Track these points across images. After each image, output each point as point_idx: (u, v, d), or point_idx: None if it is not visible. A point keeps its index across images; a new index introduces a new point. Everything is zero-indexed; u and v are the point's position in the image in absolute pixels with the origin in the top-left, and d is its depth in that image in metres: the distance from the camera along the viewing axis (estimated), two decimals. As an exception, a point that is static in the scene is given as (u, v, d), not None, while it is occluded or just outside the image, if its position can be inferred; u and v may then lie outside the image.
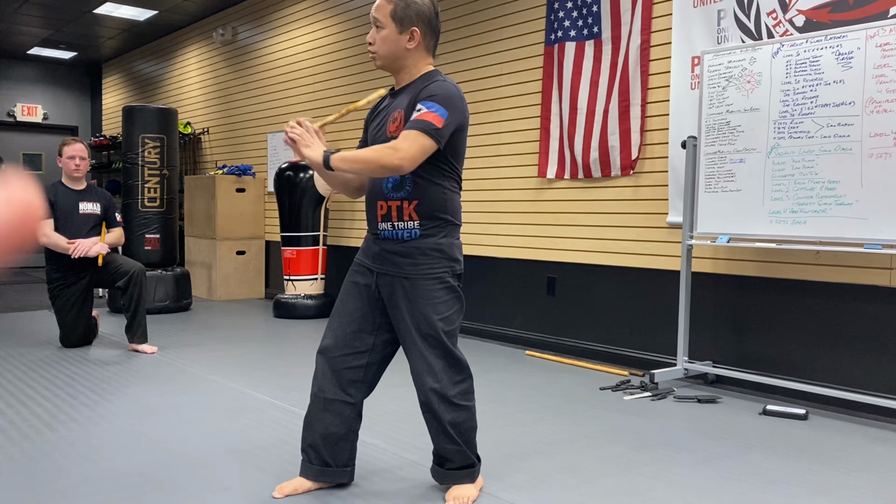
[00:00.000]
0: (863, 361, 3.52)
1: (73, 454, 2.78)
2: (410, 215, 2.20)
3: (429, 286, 2.21)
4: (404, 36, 2.19)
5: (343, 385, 2.29)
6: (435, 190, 2.20)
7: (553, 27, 4.84)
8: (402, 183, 2.20)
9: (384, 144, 2.09)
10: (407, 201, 2.19)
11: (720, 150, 3.77)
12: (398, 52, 2.21)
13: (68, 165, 4.79)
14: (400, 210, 2.20)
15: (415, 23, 2.19)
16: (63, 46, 10.35)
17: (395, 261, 2.22)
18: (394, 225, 2.22)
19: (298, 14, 7.28)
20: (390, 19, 2.18)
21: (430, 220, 2.20)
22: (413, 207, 2.19)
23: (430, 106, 2.10)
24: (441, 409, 2.25)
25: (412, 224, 2.20)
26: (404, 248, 2.21)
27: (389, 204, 2.22)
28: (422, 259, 2.20)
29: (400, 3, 2.18)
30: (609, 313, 4.62)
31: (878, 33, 3.21)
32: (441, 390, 2.23)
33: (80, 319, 4.85)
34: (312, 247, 6.32)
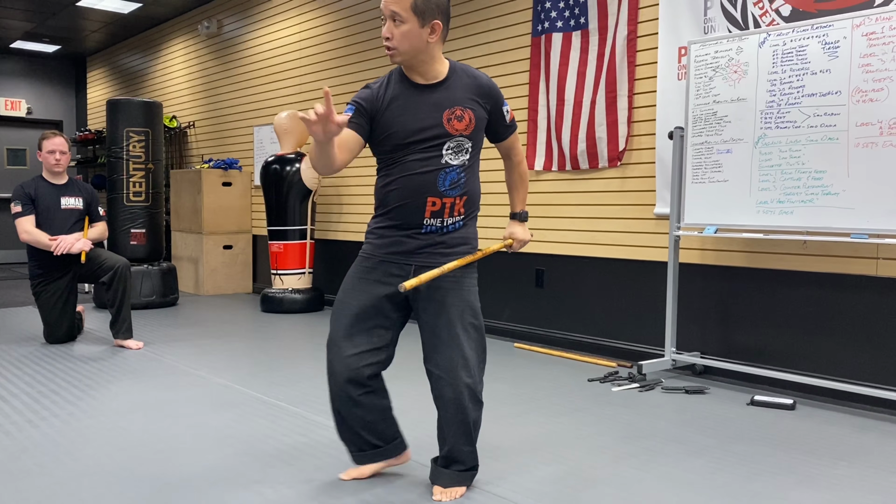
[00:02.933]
0: (850, 351, 3.53)
1: (57, 451, 2.75)
2: (460, 210, 2.24)
3: (471, 275, 2.28)
4: (426, 30, 2.10)
5: (363, 381, 2.26)
6: (476, 183, 2.29)
7: (540, 18, 4.81)
8: (458, 181, 2.20)
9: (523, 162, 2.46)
10: (459, 197, 2.22)
11: (707, 141, 3.76)
12: (420, 46, 2.11)
13: (48, 160, 4.73)
14: (453, 206, 2.22)
15: (436, 15, 2.10)
16: (46, 40, 10.23)
17: (438, 251, 2.22)
18: (443, 221, 2.21)
19: (284, 6, 7.22)
20: (412, 13, 2.07)
21: (471, 210, 2.28)
22: (463, 203, 2.24)
23: (506, 104, 2.31)
24: (470, 406, 2.23)
25: (458, 217, 2.25)
26: (447, 239, 2.23)
27: (444, 201, 2.19)
28: (463, 249, 2.26)
29: None
30: (597, 305, 4.61)
31: (864, 22, 3.20)
32: (474, 386, 2.23)
33: (64, 315, 4.79)
34: (300, 241, 6.28)
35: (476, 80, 2.23)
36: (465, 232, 2.28)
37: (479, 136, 2.25)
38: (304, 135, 6.41)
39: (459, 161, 2.20)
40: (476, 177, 2.28)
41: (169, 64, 9.32)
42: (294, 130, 6.32)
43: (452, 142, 2.18)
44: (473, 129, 2.21)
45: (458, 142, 2.19)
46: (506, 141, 2.37)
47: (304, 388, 3.69)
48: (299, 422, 3.14)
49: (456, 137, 2.18)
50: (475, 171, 2.27)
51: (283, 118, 6.32)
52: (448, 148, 2.18)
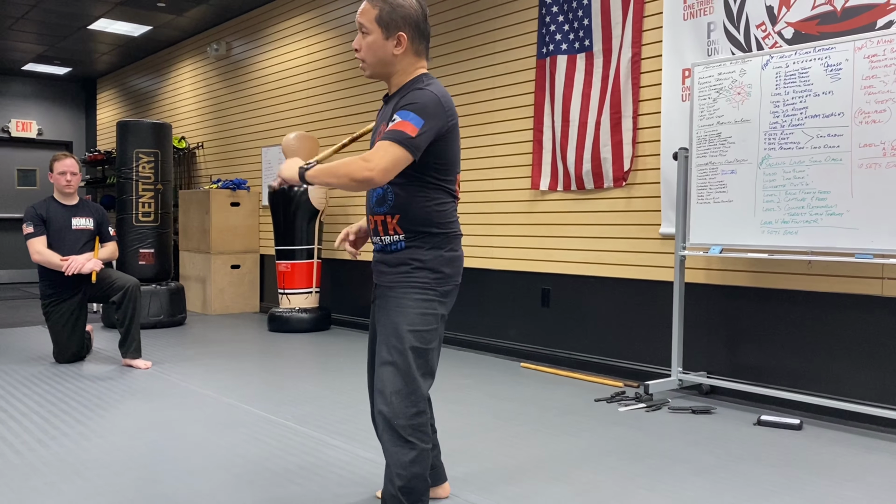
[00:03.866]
0: (856, 371, 3.53)
1: (67, 470, 2.77)
2: (395, 229, 2.14)
3: (405, 293, 2.10)
4: (391, 41, 2.10)
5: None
6: (418, 203, 2.11)
7: (545, 41, 4.87)
8: (384, 197, 2.14)
9: (357, 157, 1.99)
10: (390, 216, 2.13)
11: (711, 162, 3.79)
12: (386, 58, 2.12)
13: (59, 181, 4.79)
14: (385, 224, 2.15)
15: (401, 27, 2.09)
16: (58, 62, 10.37)
17: (382, 270, 2.19)
18: (381, 238, 2.18)
19: (292, 29, 7.32)
20: (376, 24, 2.09)
21: (415, 233, 2.12)
22: (396, 221, 2.13)
23: (405, 115, 2.00)
24: (385, 437, 2.07)
25: (398, 237, 2.14)
26: (390, 259, 2.16)
27: (375, 219, 2.18)
28: (403, 268, 2.13)
29: (385, 6, 2.09)
30: (603, 324, 4.62)
31: (866, 45, 3.23)
32: (392, 419, 2.04)
33: (74, 335, 4.83)
34: (307, 260, 6.31)
35: (408, 92, 2.09)
36: (410, 254, 2.12)
37: None
38: (312, 155, 6.46)
39: None
40: (415, 198, 2.10)
41: (178, 85, 9.42)
42: (302, 151, 6.37)
43: None
44: None
45: None
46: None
47: (311, 408, 3.71)
48: (306, 441, 3.15)
49: None
50: (411, 192, 2.10)
51: (292, 139, 6.37)
52: None
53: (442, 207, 2.14)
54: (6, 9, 7.75)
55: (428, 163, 2.09)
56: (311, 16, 7.04)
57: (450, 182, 2.16)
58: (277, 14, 7.53)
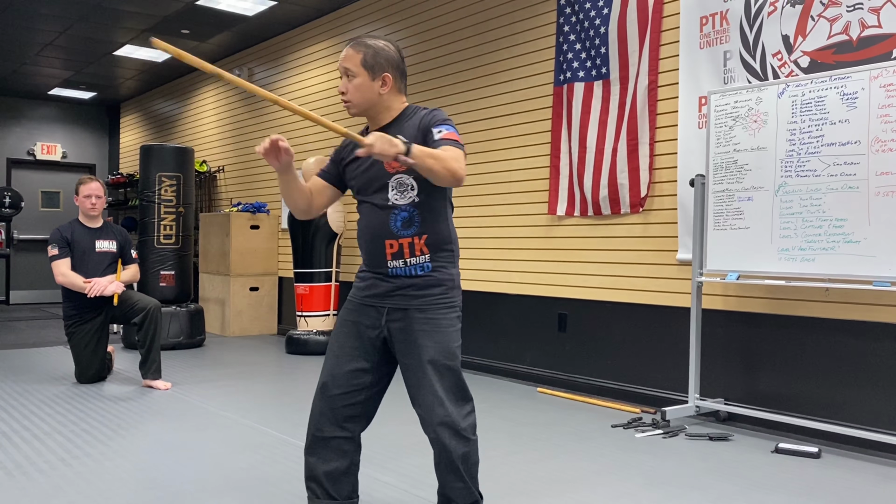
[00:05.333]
0: (875, 399, 3.51)
1: (89, 490, 2.81)
2: (422, 249, 2.23)
3: (446, 315, 2.24)
4: (377, 82, 2.25)
5: (341, 422, 2.29)
6: (440, 221, 2.25)
7: (562, 68, 4.93)
8: (411, 220, 2.22)
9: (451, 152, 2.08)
10: (417, 237, 2.22)
11: (728, 189, 3.81)
12: (372, 97, 2.26)
13: (84, 204, 4.88)
14: (412, 246, 2.23)
15: (385, 68, 2.25)
16: (83, 87, 10.58)
17: (409, 294, 2.23)
18: (406, 262, 2.23)
19: (312, 56, 7.44)
20: (362, 67, 2.24)
21: (439, 251, 2.25)
22: (424, 242, 2.23)
23: (446, 128, 2.17)
24: (451, 442, 2.21)
25: (424, 258, 2.23)
26: (419, 282, 2.23)
27: (401, 242, 2.23)
28: (437, 290, 2.24)
29: (369, 51, 2.25)
30: (620, 350, 4.62)
31: (882, 74, 3.26)
32: (452, 424, 2.21)
33: (95, 356, 4.90)
34: (325, 283, 6.37)
35: (420, 118, 2.25)
36: (438, 275, 2.24)
37: None
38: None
39: (407, 200, 2.22)
40: (438, 215, 2.25)
41: (200, 110, 9.58)
42: (321, 175, 6.45)
43: (393, 181, 2.22)
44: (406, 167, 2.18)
45: (398, 180, 2.22)
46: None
47: (328, 431, 3.73)
48: (324, 464, 3.17)
49: (395, 176, 2.21)
50: (434, 210, 2.24)
51: (311, 163, 6.45)
52: (392, 188, 2.23)
53: (452, 228, 2.31)
54: (35, 35, 7.94)
55: None
56: (331, 43, 7.16)
57: (453, 203, 2.32)
58: (298, 41, 7.66)
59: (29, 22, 7.46)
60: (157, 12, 7.11)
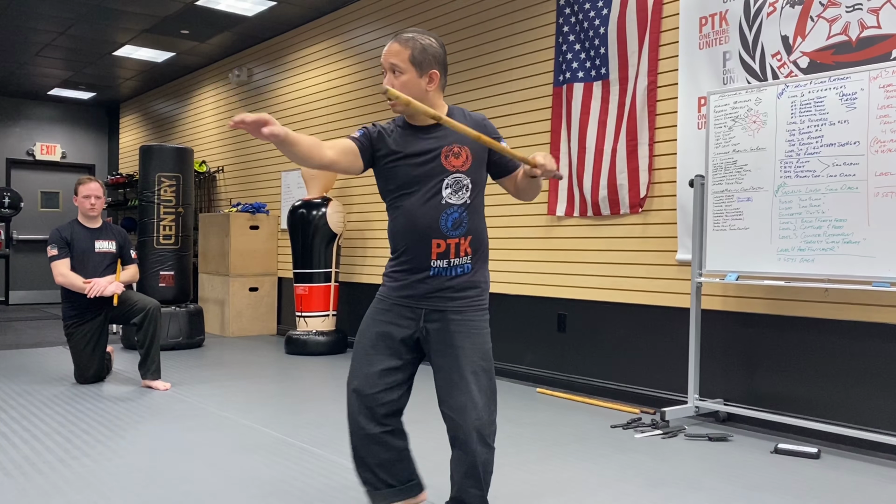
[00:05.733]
0: (875, 399, 3.51)
1: (88, 490, 2.81)
2: (466, 251, 2.25)
3: (482, 318, 2.28)
4: (424, 79, 2.22)
5: (380, 419, 2.30)
6: (481, 223, 2.30)
7: (561, 68, 4.93)
8: (460, 220, 2.22)
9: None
10: (464, 238, 2.24)
11: (727, 189, 3.81)
12: (419, 94, 2.21)
13: (84, 204, 4.88)
14: (458, 247, 2.23)
15: (433, 65, 2.23)
16: (83, 87, 10.58)
17: (447, 295, 2.23)
18: (450, 262, 2.23)
19: (312, 56, 7.44)
20: (410, 64, 2.20)
21: (478, 252, 2.28)
22: (469, 243, 2.25)
23: (504, 142, 2.25)
24: (478, 447, 2.21)
25: (466, 259, 2.25)
26: (456, 283, 2.23)
27: (448, 242, 2.22)
28: (474, 293, 2.27)
29: (417, 46, 2.21)
30: (620, 350, 4.62)
31: (881, 75, 3.26)
32: (482, 428, 2.21)
33: (94, 356, 4.90)
34: (324, 283, 6.37)
35: (472, 118, 2.29)
36: (475, 276, 2.28)
37: (478, 173, 2.26)
38: (331, 180, 6.55)
39: (460, 200, 2.22)
40: (480, 217, 2.29)
41: (200, 110, 9.58)
42: (321, 176, 6.46)
43: (450, 178, 2.21)
44: (471, 165, 2.24)
45: (455, 178, 2.22)
46: (511, 174, 2.33)
47: (328, 431, 3.74)
48: (324, 464, 3.18)
49: (453, 174, 2.22)
50: (479, 211, 2.28)
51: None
52: (447, 186, 2.21)
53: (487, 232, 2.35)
54: (35, 36, 7.94)
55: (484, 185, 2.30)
56: (331, 43, 7.16)
57: None
58: (298, 41, 7.67)
59: (28, 22, 7.46)
60: (157, 13, 7.11)
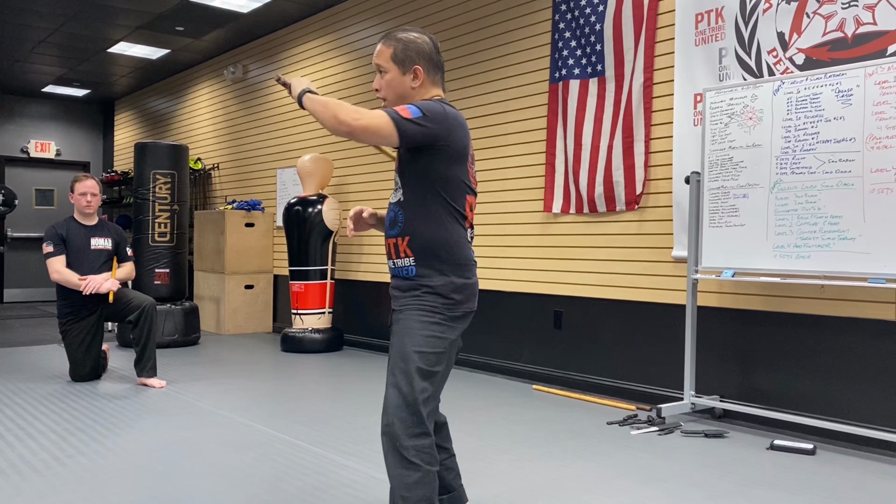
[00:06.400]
0: (870, 395, 3.52)
1: (84, 489, 2.80)
2: (405, 251, 2.16)
3: (413, 315, 2.13)
4: (408, 76, 2.21)
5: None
6: (427, 226, 2.13)
7: (557, 65, 4.93)
8: (395, 220, 2.19)
9: (353, 105, 2.07)
10: (400, 238, 2.17)
11: (723, 186, 3.81)
12: (405, 91, 2.22)
13: (80, 202, 4.86)
14: (396, 247, 2.19)
15: (416, 61, 2.21)
16: (77, 84, 10.54)
17: (395, 294, 2.22)
18: (395, 262, 2.21)
19: (308, 53, 7.42)
20: (392, 62, 2.20)
21: (424, 257, 2.13)
22: (406, 244, 2.16)
23: (410, 106, 2.09)
24: (388, 458, 2.06)
25: (409, 261, 2.16)
26: (402, 284, 2.18)
27: (388, 242, 2.22)
28: (414, 292, 2.15)
29: (398, 45, 2.20)
30: (616, 347, 4.63)
31: (877, 71, 3.26)
32: (390, 434, 2.05)
33: (90, 354, 4.88)
34: (320, 281, 6.36)
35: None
36: (419, 279, 2.13)
37: (408, 167, 2.15)
38: (327, 177, 6.54)
39: (395, 198, 2.21)
40: (424, 218, 2.13)
41: (195, 108, 9.55)
42: (316, 173, 6.44)
43: (396, 177, 2.23)
44: (399, 161, 2.20)
45: (395, 179, 2.23)
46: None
47: (324, 428, 3.73)
48: (320, 462, 3.17)
49: (396, 174, 2.22)
50: (422, 212, 2.13)
51: (307, 161, 6.45)
52: (394, 185, 2.24)
53: (450, 234, 2.15)
54: (28, 33, 7.91)
55: (434, 181, 2.11)
56: (327, 39, 7.14)
57: (459, 207, 2.16)
58: (294, 38, 7.65)
59: (22, 19, 7.42)
60: (152, 9, 7.09)
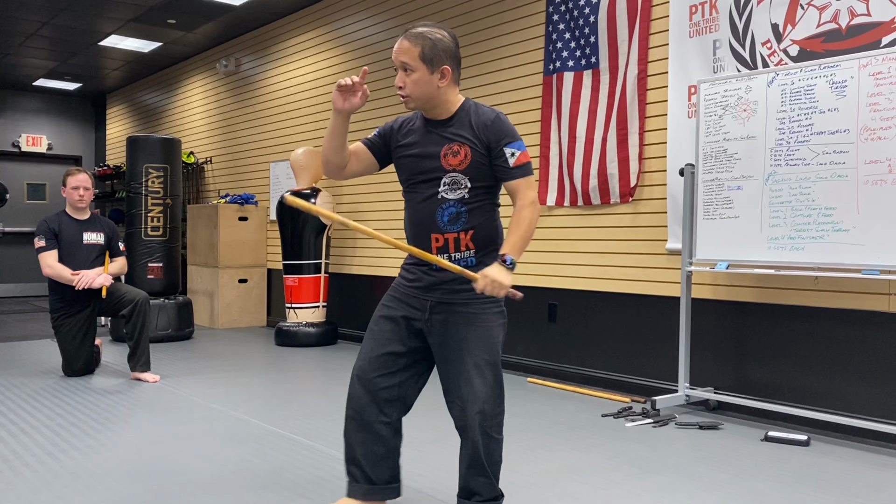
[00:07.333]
0: (864, 387, 3.53)
1: (76, 483, 2.79)
2: (467, 245, 2.23)
3: (488, 311, 2.26)
4: (436, 76, 2.18)
5: (379, 405, 2.29)
6: (488, 218, 2.26)
7: (551, 57, 4.91)
8: (458, 217, 2.21)
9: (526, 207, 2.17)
10: (464, 232, 2.22)
11: (718, 178, 3.81)
12: (431, 91, 2.20)
13: (72, 196, 4.83)
14: (457, 241, 2.22)
15: (444, 61, 2.18)
16: (68, 78, 10.47)
17: (453, 288, 2.23)
18: (451, 256, 2.23)
19: (300, 45, 7.39)
20: (420, 62, 2.16)
21: (485, 247, 2.24)
22: (470, 237, 2.23)
23: (518, 146, 2.20)
24: (481, 438, 2.22)
25: (469, 253, 2.23)
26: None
27: (446, 237, 2.22)
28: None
29: (427, 43, 2.17)
30: (610, 340, 4.63)
31: (871, 63, 3.26)
32: (484, 420, 2.22)
33: (83, 348, 4.86)
34: (314, 275, 6.34)
35: (479, 116, 2.22)
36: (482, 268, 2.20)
37: (478, 172, 2.21)
38: (320, 171, 6.51)
39: (457, 196, 2.21)
40: (488, 213, 2.25)
41: (187, 101, 9.51)
42: (310, 167, 6.42)
43: (447, 177, 2.21)
44: (468, 164, 2.21)
45: (452, 177, 2.21)
46: (508, 184, 2.24)
47: (319, 422, 3.72)
48: (315, 455, 3.17)
49: (450, 173, 2.21)
50: (484, 207, 2.24)
51: (300, 154, 6.43)
52: (444, 183, 2.21)
53: (500, 221, 2.31)
54: (18, 26, 7.85)
55: (493, 182, 2.25)
56: (320, 32, 7.11)
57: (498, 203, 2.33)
58: (286, 31, 7.61)
59: (11, 11, 7.36)
60: (143, 2, 7.03)
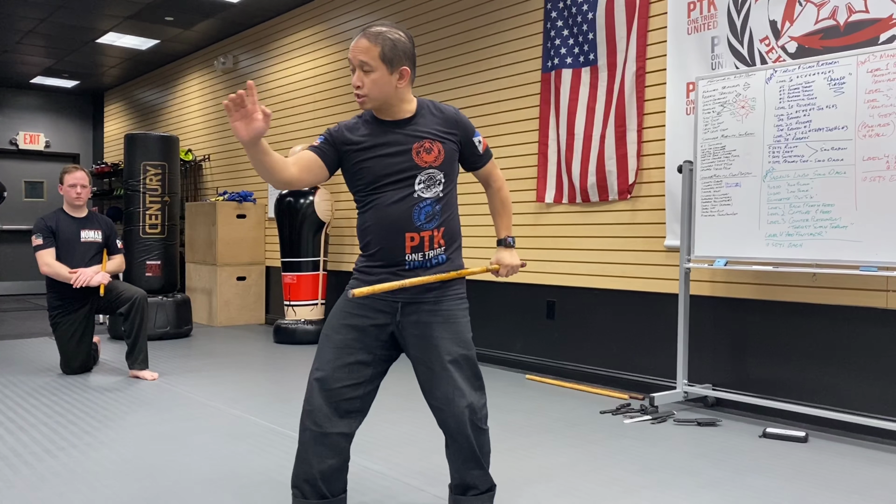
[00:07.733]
0: (861, 383, 3.54)
1: (75, 481, 2.79)
2: (439, 242, 2.23)
3: (458, 307, 2.29)
4: (395, 76, 2.17)
5: (342, 416, 2.21)
6: (454, 214, 2.30)
7: (550, 54, 4.91)
8: (433, 213, 2.21)
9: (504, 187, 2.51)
10: (436, 229, 2.22)
11: (716, 175, 3.81)
12: (389, 91, 2.18)
13: (69, 193, 4.83)
14: (431, 239, 2.22)
15: (403, 62, 2.18)
16: (66, 75, 10.45)
17: (426, 287, 2.22)
18: (425, 255, 2.21)
19: (298, 43, 7.38)
20: (380, 61, 2.13)
21: (452, 243, 2.28)
22: (441, 234, 2.24)
23: (478, 133, 2.38)
24: (472, 433, 2.25)
25: (440, 250, 2.24)
26: (433, 273, 2.22)
27: (422, 234, 2.20)
28: (450, 283, 2.27)
29: (387, 43, 2.15)
30: (608, 337, 4.63)
31: (869, 59, 3.26)
32: (472, 415, 2.25)
33: (81, 346, 4.86)
34: (312, 272, 6.34)
35: (443, 113, 2.28)
36: (451, 266, 2.27)
37: (450, 167, 2.27)
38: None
39: (432, 194, 2.21)
40: (453, 208, 2.29)
41: (185, 98, 9.49)
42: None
43: (423, 174, 2.20)
44: (443, 160, 2.23)
45: (428, 174, 2.21)
46: (481, 170, 2.42)
47: (317, 420, 3.72)
48: (313, 453, 3.16)
49: (426, 170, 2.20)
50: (451, 203, 2.28)
51: (298, 151, 6.41)
52: (420, 182, 2.19)
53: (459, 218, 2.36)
54: (15, 23, 7.83)
55: (455, 178, 2.30)
56: (317, 30, 7.10)
57: None
58: (284, 28, 7.60)
59: (9, 9, 7.34)
60: (140, -1, 7.02)
